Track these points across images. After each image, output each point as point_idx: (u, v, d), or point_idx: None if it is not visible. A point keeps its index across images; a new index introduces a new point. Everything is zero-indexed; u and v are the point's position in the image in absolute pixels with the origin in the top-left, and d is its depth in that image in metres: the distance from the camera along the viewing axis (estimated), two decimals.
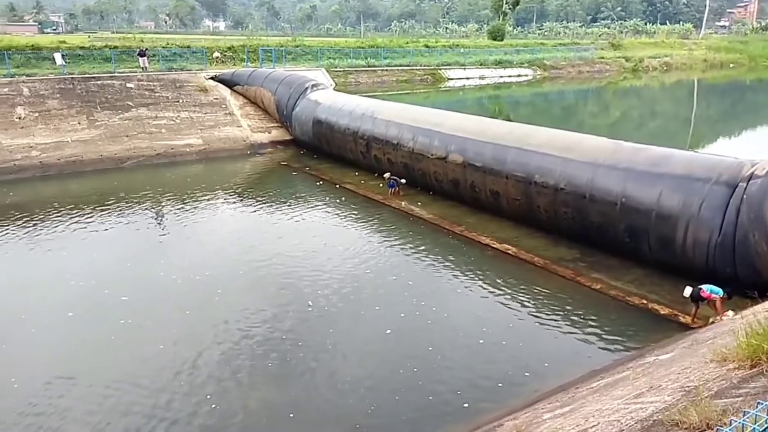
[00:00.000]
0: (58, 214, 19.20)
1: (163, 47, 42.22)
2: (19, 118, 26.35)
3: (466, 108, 33.15)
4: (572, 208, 15.30)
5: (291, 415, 9.11)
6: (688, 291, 11.53)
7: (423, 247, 16.09)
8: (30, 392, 9.72)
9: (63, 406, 9.37)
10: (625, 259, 14.29)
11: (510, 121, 23.56)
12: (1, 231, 17.67)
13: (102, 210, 19.69)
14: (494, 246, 15.91)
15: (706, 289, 11.35)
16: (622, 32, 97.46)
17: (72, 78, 29.34)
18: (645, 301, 12.51)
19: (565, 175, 15.48)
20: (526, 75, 62.69)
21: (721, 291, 11.34)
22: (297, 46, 52.56)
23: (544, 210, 16.17)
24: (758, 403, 3.76)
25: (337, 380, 10.01)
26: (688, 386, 6.89)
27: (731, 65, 79.46)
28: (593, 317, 12.04)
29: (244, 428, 8.87)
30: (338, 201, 20.64)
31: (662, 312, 12.08)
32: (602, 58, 73.11)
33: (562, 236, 15.90)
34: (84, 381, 10.04)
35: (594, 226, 14.84)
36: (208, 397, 9.55)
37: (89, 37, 47.28)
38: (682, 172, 13.38)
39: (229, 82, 32.63)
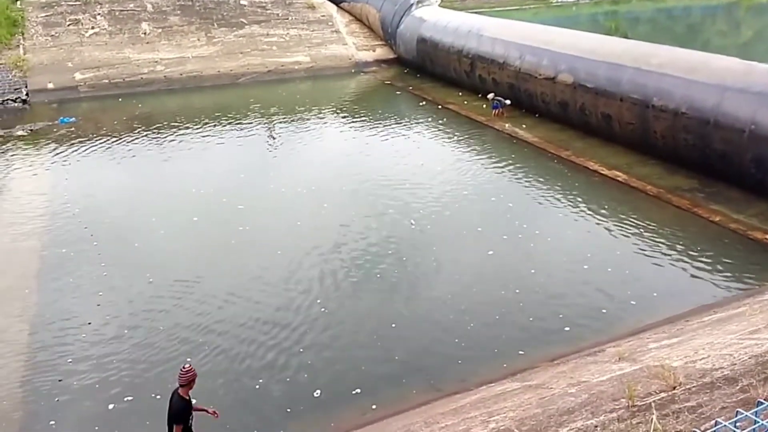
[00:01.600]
0: (182, 126, 20.51)
1: None
2: (145, 33, 27.85)
3: (578, 25, 31.19)
4: (693, 135, 14.32)
5: (393, 325, 9.55)
6: None
7: (527, 171, 15.78)
8: (164, 287, 10.76)
9: (191, 301, 10.32)
10: (749, 192, 13.33)
11: (627, 39, 21.93)
12: (132, 140, 19.13)
13: (220, 123, 20.79)
14: (603, 172, 15.31)
15: None
16: None
17: None
18: None
19: (687, 99, 14.42)
20: None
21: None
22: None
23: (661, 136, 15.24)
24: None
25: (438, 296, 10.32)
26: None
27: None
28: (709, 250, 11.47)
29: (349, 333, 9.39)
30: (441, 122, 20.47)
31: None
32: None
33: (679, 164, 14.98)
34: (210, 280, 10.96)
35: (717, 154, 13.87)
36: (319, 301, 10.18)
37: None
38: None
39: None
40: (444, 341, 9.19)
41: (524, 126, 19.20)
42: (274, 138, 19.49)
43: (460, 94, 23.47)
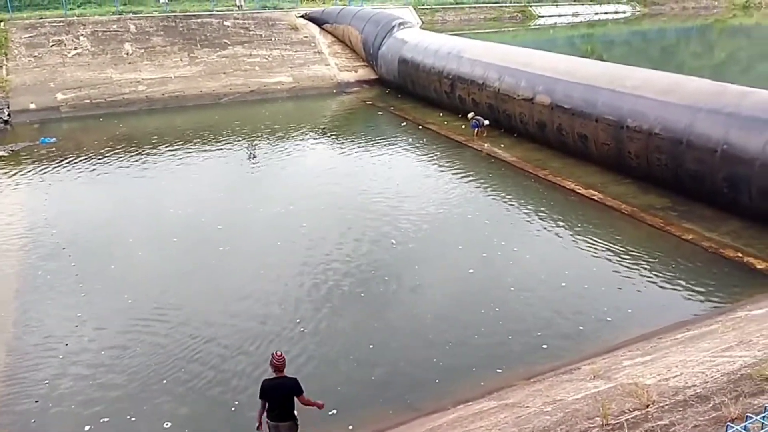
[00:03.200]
0: (162, 146, 20.46)
1: None
2: (127, 53, 27.93)
3: (556, 47, 31.77)
4: (666, 155, 14.62)
5: (371, 346, 9.56)
6: None
7: (505, 190, 15.98)
8: (142, 308, 10.67)
9: (170, 322, 10.26)
10: (721, 210, 13.62)
11: (603, 61, 22.42)
12: (113, 160, 19.02)
13: (200, 143, 20.80)
14: (579, 191, 15.56)
15: None
16: None
17: (174, 16, 30.67)
18: (740, 254, 11.98)
19: (660, 119, 14.74)
20: (624, 12, 58.85)
21: None
22: None
23: (635, 156, 15.54)
24: None
25: (418, 316, 10.36)
26: None
27: None
28: (682, 268, 11.68)
29: (326, 353, 9.39)
30: (421, 141, 20.68)
31: (758, 266, 11.55)
32: None
33: (653, 184, 15.29)
34: (189, 301, 10.91)
35: (689, 174, 14.17)
36: (298, 320, 10.17)
37: None
38: None
39: (318, 20, 32.78)
40: (422, 361, 9.22)
41: (503, 146, 19.47)
42: (255, 158, 19.54)
43: (441, 114, 23.75)
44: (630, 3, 60.20)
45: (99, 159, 19.10)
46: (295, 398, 6.70)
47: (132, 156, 19.41)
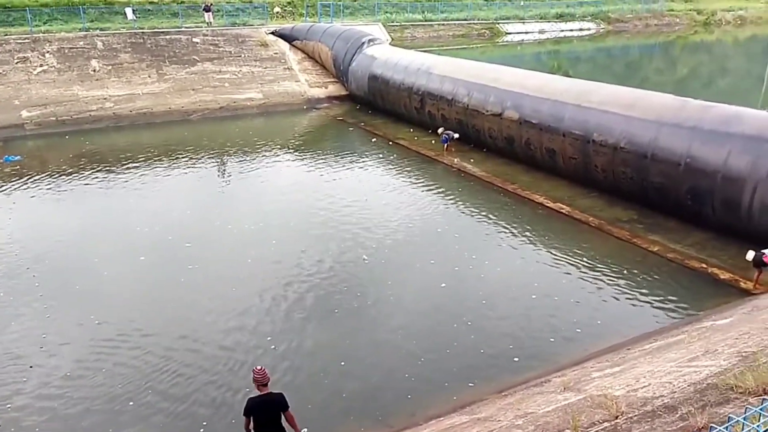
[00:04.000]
0: (130, 163, 20.15)
1: (226, 2, 42.55)
2: (94, 70, 27.57)
3: (523, 64, 32.32)
4: (632, 168, 14.92)
5: (342, 363, 9.48)
6: (750, 255, 11.19)
7: (475, 204, 16.10)
8: (110, 329, 10.43)
9: (138, 342, 10.05)
10: (686, 222, 13.94)
11: (569, 77, 22.87)
12: (79, 178, 18.66)
13: (169, 160, 20.53)
14: (547, 205, 15.76)
15: None
16: None
17: (142, 32, 30.40)
18: (705, 265, 12.24)
19: (625, 134, 15.06)
20: (589, 29, 60.08)
21: None
22: (354, 0, 51.91)
23: (602, 169, 15.83)
24: None
25: (391, 331, 10.33)
26: (746, 352, 6.81)
27: None
28: (649, 279, 11.89)
29: (296, 371, 9.29)
30: (392, 157, 20.75)
31: (722, 277, 11.81)
32: (672, 10, 69.08)
33: (619, 197, 15.58)
34: (157, 320, 10.70)
35: (654, 186, 14.47)
36: (269, 338, 10.05)
37: None
38: (752, 132, 12.82)
39: (288, 37, 32.82)
40: (394, 376, 9.17)
41: (472, 160, 19.65)
42: (224, 175, 19.37)
43: (411, 130, 23.89)
44: (594, 20, 61.56)
45: (65, 177, 18.73)
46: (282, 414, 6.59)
47: (99, 174, 19.08)
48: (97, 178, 18.69)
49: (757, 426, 3.16)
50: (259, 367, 6.57)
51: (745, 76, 42.79)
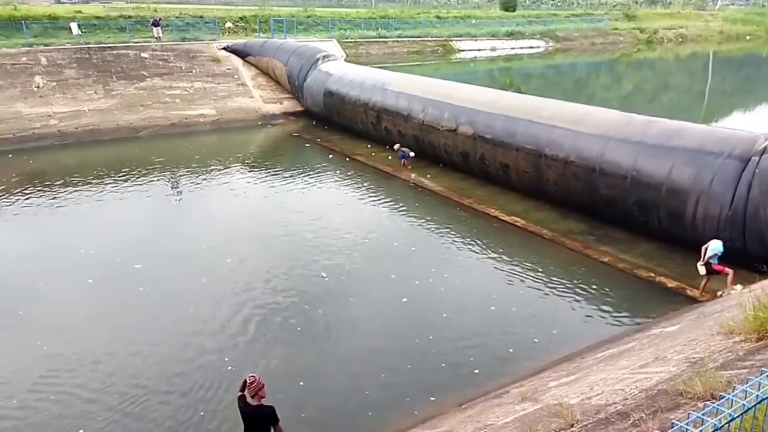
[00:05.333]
0: (76, 182, 19.52)
1: (176, 17, 42.03)
2: (38, 87, 26.68)
3: (476, 80, 32.89)
4: (582, 181, 15.33)
5: (301, 383, 9.35)
6: (703, 272, 11.52)
7: (432, 219, 16.24)
8: (58, 355, 10.04)
9: (90, 367, 9.69)
10: (634, 233, 14.38)
11: (521, 93, 23.42)
12: (20, 198, 17.97)
13: (117, 179, 19.97)
14: (502, 218, 16.03)
15: (712, 250, 11.39)
16: (637, 2, 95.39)
17: (88, 48, 29.62)
18: (653, 274, 12.64)
19: (575, 148, 15.48)
20: (538, 47, 61.78)
21: (721, 245, 11.41)
22: (308, 17, 52.02)
23: (554, 183, 16.21)
24: (762, 371, 3.85)
25: (352, 349, 10.27)
26: (694, 358, 7.01)
27: (747, 37, 77.78)
28: (601, 289, 12.20)
29: None
30: (349, 173, 20.75)
31: (670, 285, 12.21)
32: (616, 29, 71.76)
33: (571, 209, 15.97)
34: (111, 345, 10.36)
35: (603, 199, 14.89)
36: (226, 359, 9.85)
37: (104, 6, 47.05)
38: (694, 145, 13.34)
39: (241, 53, 32.56)
40: (355, 394, 9.11)
41: (429, 176, 19.84)
42: (176, 193, 18.98)
43: (369, 146, 23.98)
44: (543, 38, 63.37)
45: (6, 197, 18.01)
46: (272, 428, 6.49)
47: (43, 193, 18.43)
48: (41, 197, 18.05)
49: (700, 431, 3.26)
50: (252, 377, 6.36)
51: (687, 92, 44.68)
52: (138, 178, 20.17)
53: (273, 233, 15.16)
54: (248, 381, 6.37)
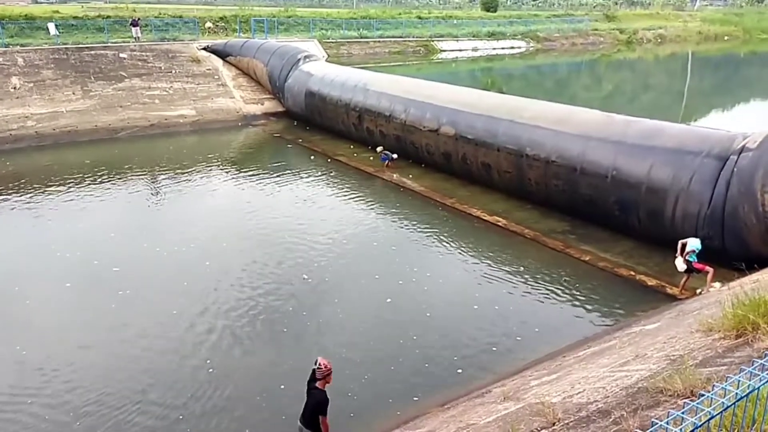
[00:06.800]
0: (54, 184, 19.20)
1: (155, 17, 41.59)
2: (15, 88, 26.27)
3: (458, 80, 33.00)
4: (563, 181, 15.42)
5: (282, 387, 9.26)
6: (682, 267, 11.66)
7: (415, 219, 16.24)
8: (38, 360, 9.87)
9: (70, 372, 9.53)
10: (615, 232, 14.49)
11: (502, 93, 23.54)
12: None
13: (96, 180, 19.69)
14: (485, 218, 16.07)
15: (690, 246, 11.51)
16: (617, 3, 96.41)
17: (66, 48, 29.17)
18: (633, 273, 12.74)
19: (556, 148, 15.57)
20: (519, 47, 62.14)
21: (699, 242, 11.54)
22: (289, 17, 51.80)
23: (535, 183, 16.29)
24: (741, 368, 3.87)
25: (336, 351, 10.13)
26: (674, 355, 7.07)
27: (726, 38, 79.02)
28: (582, 288, 12.28)
29: (237, 398, 9.05)
30: (331, 173, 20.68)
31: (650, 283, 12.32)
32: (596, 30, 72.44)
33: (553, 209, 16.07)
34: (91, 349, 10.22)
35: (584, 199, 14.99)
36: (208, 361, 9.74)
37: (82, 6, 46.46)
38: (673, 145, 13.49)
39: (221, 53, 32.30)
40: (337, 395, 8.95)
41: (411, 176, 19.84)
42: (156, 195, 18.76)
43: (351, 146, 23.90)
44: (524, 39, 63.76)
45: None
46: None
47: (19, 196, 18.09)
48: (18, 200, 17.74)
49: (680, 429, 3.26)
50: (324, 362, 6.47)
51: (666, 92, 45.22)
52: (116, 179, 19.92)
53: (254, 235, 15.05)
54: (321, 362, 6.49)
